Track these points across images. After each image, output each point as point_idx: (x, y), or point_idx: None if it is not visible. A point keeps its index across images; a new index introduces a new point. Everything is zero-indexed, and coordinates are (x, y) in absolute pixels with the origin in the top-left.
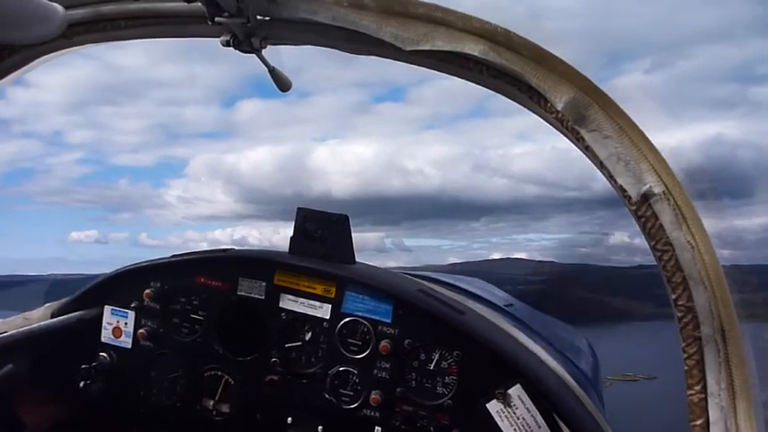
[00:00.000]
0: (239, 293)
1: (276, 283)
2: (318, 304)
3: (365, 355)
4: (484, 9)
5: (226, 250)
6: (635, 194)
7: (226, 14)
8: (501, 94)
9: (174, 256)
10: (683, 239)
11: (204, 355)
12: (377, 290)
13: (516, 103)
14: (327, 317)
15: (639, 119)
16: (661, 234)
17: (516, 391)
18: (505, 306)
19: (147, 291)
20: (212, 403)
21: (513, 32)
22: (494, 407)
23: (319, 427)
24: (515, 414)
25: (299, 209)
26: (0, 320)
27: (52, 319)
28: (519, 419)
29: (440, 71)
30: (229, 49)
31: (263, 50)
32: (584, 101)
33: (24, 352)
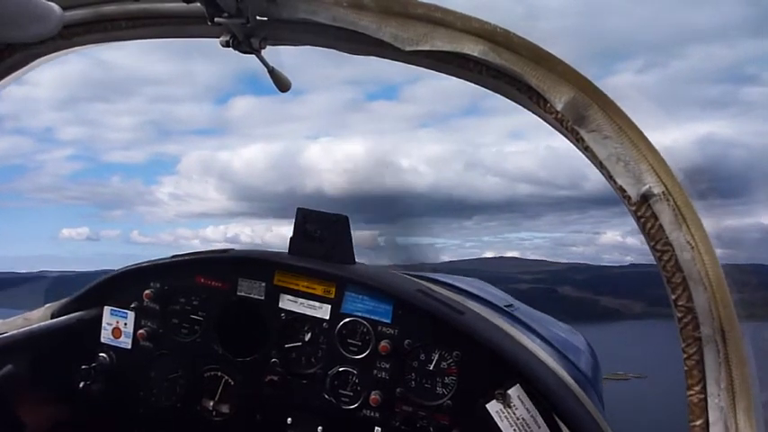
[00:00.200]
0: (239, 294)
1: (276, 283)
2: (318, 305)
3: (365, 355)
4: (483, 9)
5: (225, 251)
6: (635, 195)
7: (225, 15)
8: (500, 94)
9: (175, 256)
10: (682, 240)
11: (204, 355)
12: (376, 290)
13: (516, 103)
14: (327, 317)
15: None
16: (661, 234)
17: (516, 392)
18: (505, 306)
19: (146, 291)
20: (212, 404)
21: (512, 33)
22: (493, 407)
23: (319, 428)
24: (515, 414)
25: (298, 209)
26: (0, 321)
27: (52, 319)
28: (518, 420)
29: (439, 71)
30: (227, 49)
31: (262, 51)
32: (584, 101)
33: (24, 352)
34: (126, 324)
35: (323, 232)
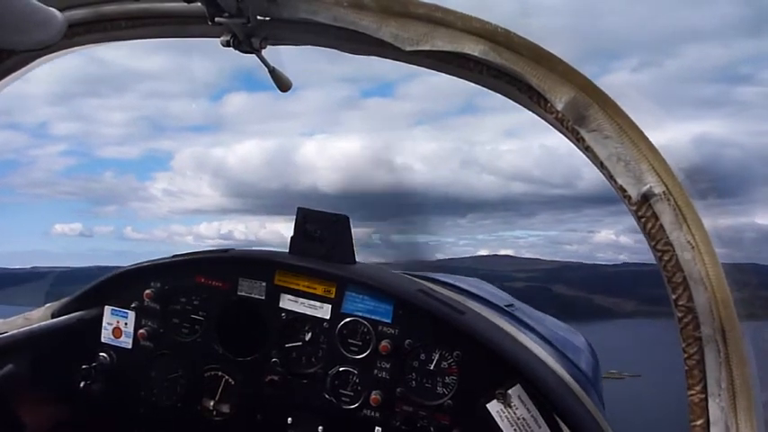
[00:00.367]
0: (239, 294)
1: (276, 283)
2: (318, 304)
3: (365, 355)
4: (484, 9)
5: (226, 250)
6: (635, 195)
7: (226, 15)
8: (501, 94)
9: (175, 256)
10: (683, 239)
11: (204, 355)
12: (377, 290)
13: (516, 102)
14: (327, 317)
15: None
16: (661, 234)
17: (516, 392)
18: (505, 306)
19: (147, 291)
20: (212, 403)
21: (512, 32)
22: (494, 407)
23: (319, 428)
24: (515, 414)
25: (299, 209)
26: (1, 321)
27: (52, 319)
28: (519, 419)
29: (440, 71)
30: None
31: (263, 51)
32: (584, 101)
33: (25, 352)
34: (126, 324)
35: (323, 232)
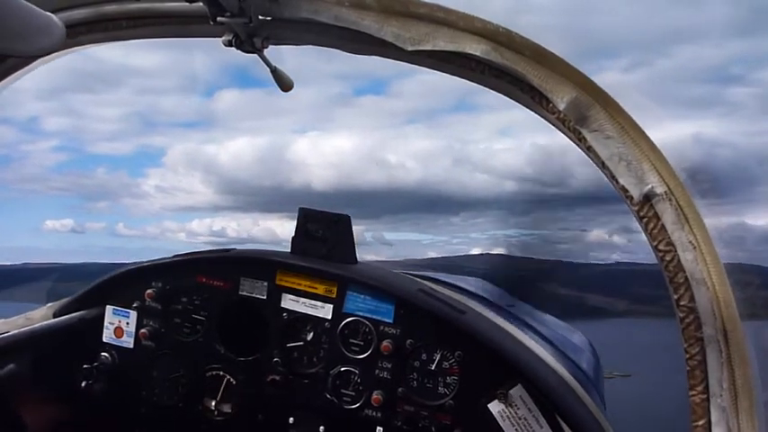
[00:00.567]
0: (241, 293)
1: (278, 282)
2: (320, 304)
3: (367, 355)
4: (485, 9)
5: (227, 250)
6: (637, 195)
7: (228, 14)
8: (503, 94)
9: (176, 255)
10: (685, 240)
11: (206, 355)
12: (378, 290)
13: (518, 102)
14: (329, 317)
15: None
16: (663, 234)
17: (518, 392)
18: (507, 306)
19: (148, 291)
20: (214, 403)
21: (514, 32)
22: (495, 407)
23: (321, 428)
24: (517, 414)
25: (300, 209)
26: (2, 320)
27: (54, 318)
28: (520, 420)
29: (441, 71)
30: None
31: (264, 50)
32: (586, 101)
33: (26, 352)
34: (128, 323)
35: (325, 232)
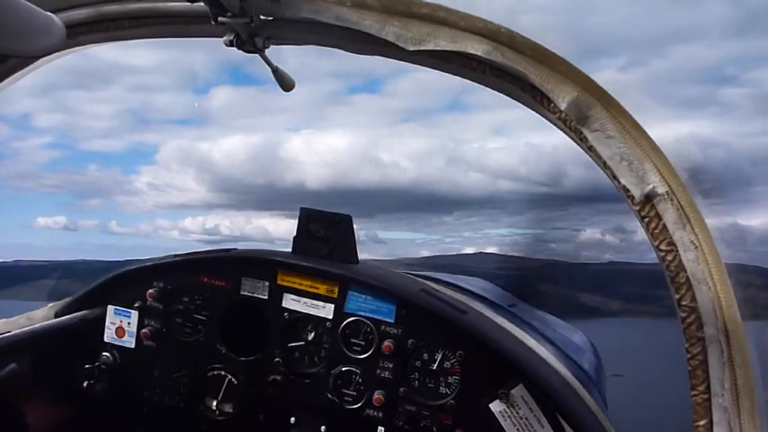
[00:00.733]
0: (242, 293)
1: (279, 282)
2: (321, 304)
3: (368, 354)
4: (486, 9)
5: (229, 250)
6: (638, 195)
7: (229, 14)
8: (504, 93)
9: (177, 255)
10: (686, 239)
11: (207, 354)
12: (380, 290)
13: (519, 102)
14: (330, 317)
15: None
16: (665, 234)
17: (519, 392)
18: (508, 306)
19: (150, 290)
20: (215, 403)
21: (516, 32)
22: (497, 407)
23: (322, 427)
24: (518, 414)
25: (302, 208)
26: (3, 320)
27: (55, 318)
28: (522, 420)
29: (442, 71)
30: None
31: (266, 50)
32: (588, 101)
33: (27, 352)
34: (129, 323)
35: (326, 232)
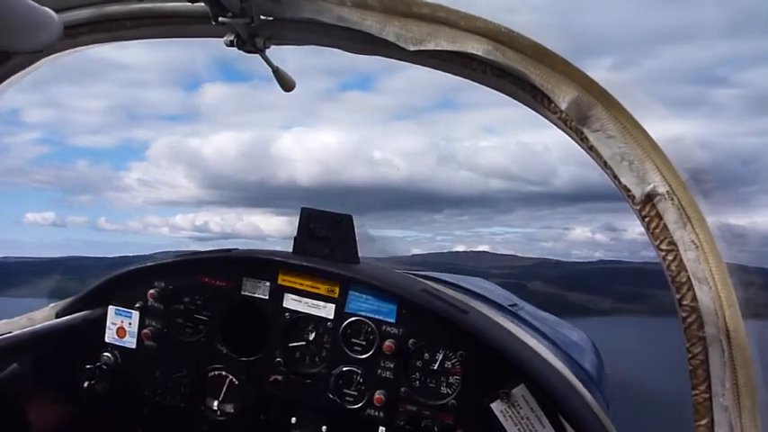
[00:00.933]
0: (243, 293)
1: (280, 282)
2: (322, 304)
3: (369, 354)
4: (487, 9)
5: (229, 250)
6: (639, 194)
7: (229, 14)
8: (504, 93)
9: (178, 255)
10: (687, 239)
11: (208, 355)
12: (381, 290)
13: (520, 102)
14: (331, 317)
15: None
16: (665, 234)
17: (520, 391)
18: (509, 306)
19: (150, 291)
20: (216, 403)
21: (516, 32)
22: (498, 407)
23: (323, 427)
24: (519, 414)
25: (303, 208)
26: (4, 321)
27: (56, 319)
28: (523, 419)
29: (443, 71)
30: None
31: (266, 50)
32: (588, 100)
33: (29, 352)
34: (130, 324)
35: (327, 232)
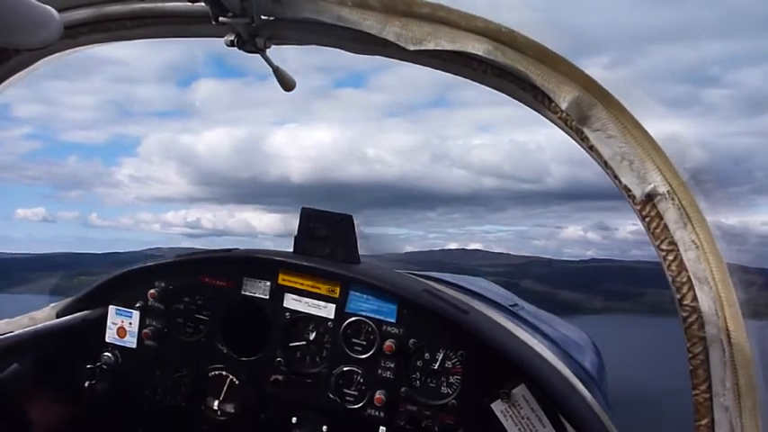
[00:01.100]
0: (243, 293)
1: (280, 282)
2: (323, 304)
3: (369, 354)
4: (487, 9)
5: (230, 250)
6: (639, 194)
7: (230, 14)
8: (505, 93)
9: (179, 255)
10: (687, 239)
11: (209, 354)
12: (381, 290)
13: (520, 102)
14: (332, 316)
15: None
16: (666, 234)
17: (521, 391)
18: (510, 306)
19: (151, 291)
20: (217, 403)
21: (517, 32)
22: (498, 407)
23: (324, 427)
24: (520, 414)
25: (303, 208)
26: (5, 320)
27: (57, 319)
28: (523, 419)
29: (444, 70)
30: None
31: (267, 50)
32: (589, 100)
33: (29, 352)
34: (131, 323)
35: (327, 232)
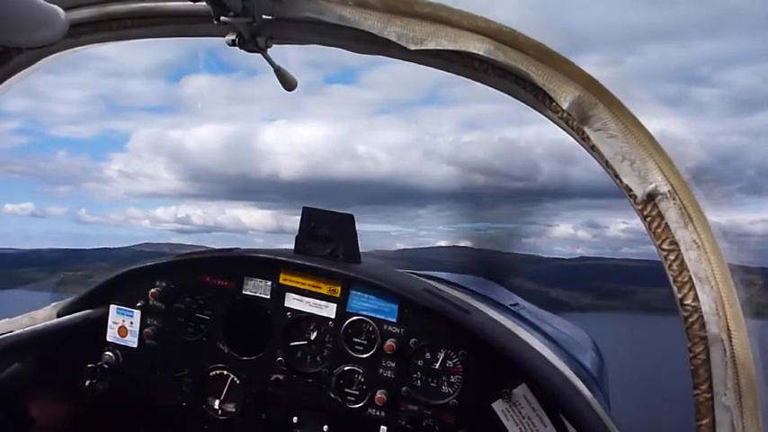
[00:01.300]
0: (244, 293)
1: (281, 282)
2: (324, 303)
3: (370, 354)
4: (488, 8)
5: (231, 250)
6: (640, 194)
7: (231, 14)
8: (506, 93)
9: (179, 255)
10: (688, 238)
11: (210, 354)
12: (382, 289)
13: (521, 102)
14: (333, 316)
15: None
16: (667, 233)
17: (522, 391)
18: (511, 305)
19: (152, 290)
20: (218, 402)
21: (518, 32)
22: (499, 406)
23: (324, 427)
24: (521, 413)
25: (304, 208)
26: (6, 320)
27: (58, 318)
28: (524, 419)
29: (445, 70)
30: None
31: (268, 50)
32: (590, 100)
33: (30, 351)
34: (132, 323)
35: (328, 231)
